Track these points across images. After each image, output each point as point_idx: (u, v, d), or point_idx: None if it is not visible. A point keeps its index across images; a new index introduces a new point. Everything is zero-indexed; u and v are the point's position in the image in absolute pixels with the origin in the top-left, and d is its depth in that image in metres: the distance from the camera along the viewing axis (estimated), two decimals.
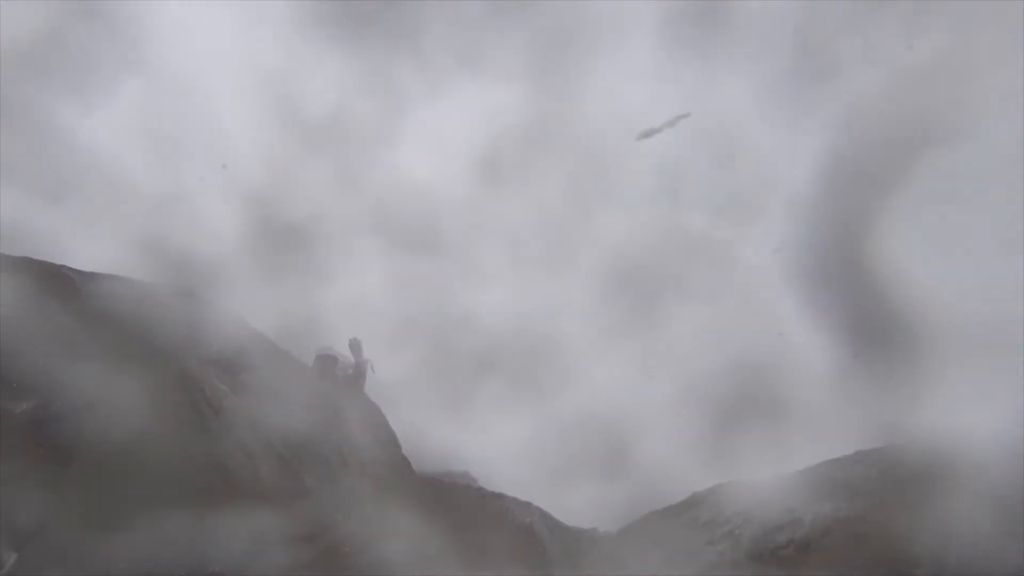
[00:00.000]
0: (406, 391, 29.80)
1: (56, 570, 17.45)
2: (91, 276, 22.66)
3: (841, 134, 31.45)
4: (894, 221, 28.82)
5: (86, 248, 26.67)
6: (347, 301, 31.72)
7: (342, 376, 25.38)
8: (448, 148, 35.92)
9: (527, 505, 24.34)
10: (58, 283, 21.73)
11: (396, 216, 34.17)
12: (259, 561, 19.67)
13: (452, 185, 35.06)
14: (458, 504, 23.29)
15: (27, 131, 28.53)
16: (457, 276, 34.01)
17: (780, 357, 30.13)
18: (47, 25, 30.17)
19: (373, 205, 34.02)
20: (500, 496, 24.41)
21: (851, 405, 27.55)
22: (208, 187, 29.82)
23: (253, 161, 31.76)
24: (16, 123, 27.97)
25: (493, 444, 28.53)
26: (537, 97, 34.57)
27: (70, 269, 22.51)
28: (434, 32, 35.68)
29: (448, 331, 32.40)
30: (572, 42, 34.67)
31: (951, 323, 26.61)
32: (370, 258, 33.12)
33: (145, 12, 30.77)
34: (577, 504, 26.37)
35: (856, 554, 17.30)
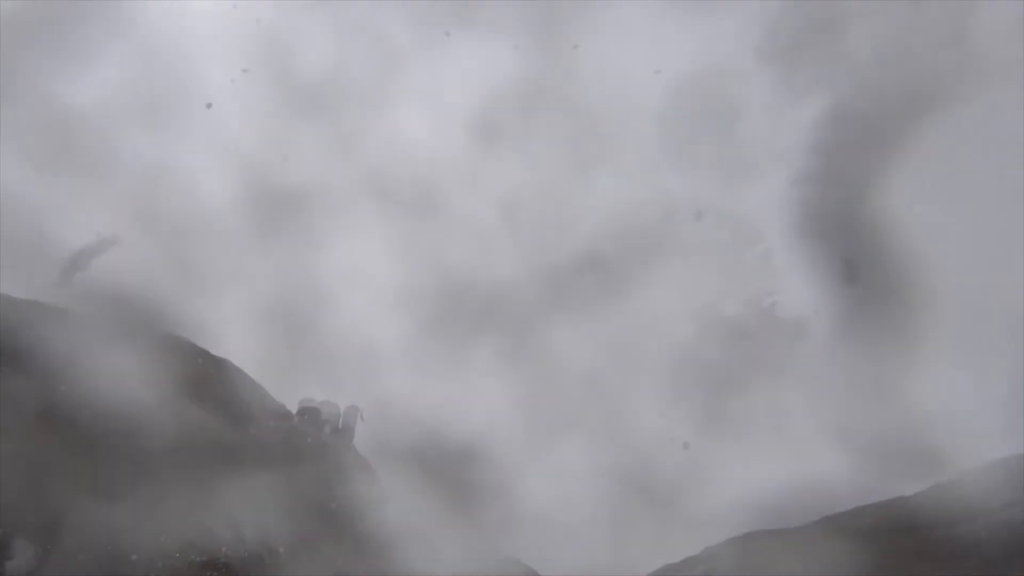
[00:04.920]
0: (404, 354, 30.07)
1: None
2: None
3: (840, 94, 30.89)
4: (893, 183, 28.54)
5: (80, 216, 26.71)
6: (344, 266, 31.82)
7: (329, 429, 24.35)
8: (444, 108, 35.47)
9: None
10: None
11: (392, 179, 33.99)
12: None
13: (448, 146, 34.75)
14: None
15: (18, 98, 28.28)
16: (454, 239, 33.99)
17: (777, 320, 30.22)
18: None
19: (369, 169, 33.82)
20: None
21: (846, 370, 27.73)
22: (201, 153, 29.63)
23: (246, 127, 31.48)
24: (6, 91, 27.72)
25: (488, 404, 28.80)
26: (533, 55, 33.94)
27: None
28: None
29: (446, 294, 32.52)
30: None
31: (949, 288, 26.57)
32: (366, 222, 33.05)
33: None
34: (566, 463, 26.78)
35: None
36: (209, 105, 28.81)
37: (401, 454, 25.62)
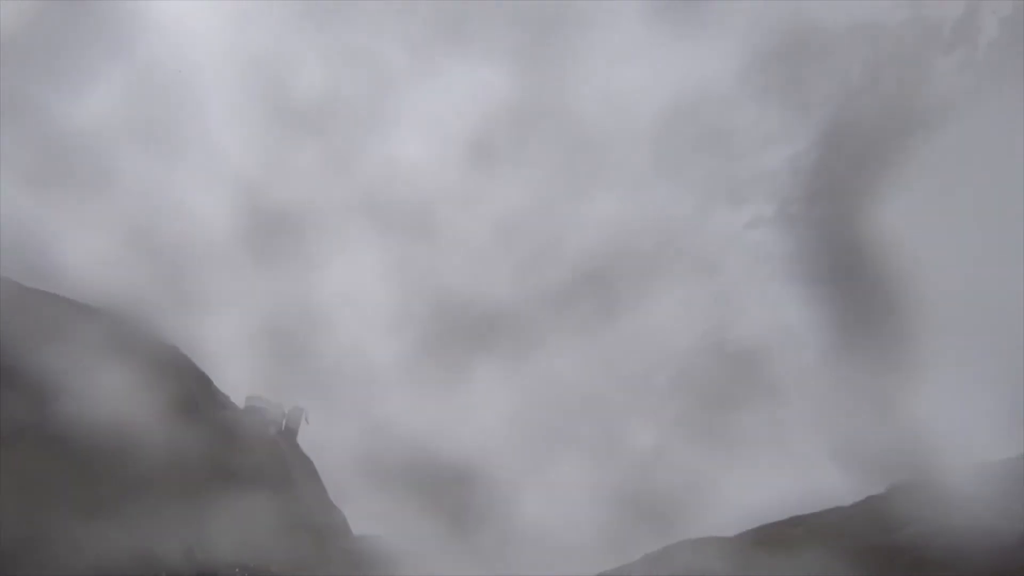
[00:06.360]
0: (400, 373, 29.98)
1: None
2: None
3: (830, 115, 31.21)
4: (885, 201, 28.74)
5: (77, 237, 26.76)
6: (341, 287, 31.84)
7: (274, 428, 24.24)
8: (438, 130, 35.74)
9: None
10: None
11: (389, 201, 34.17)
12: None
13: (444, 168, 34.98)
14: None
15: (16, 120, 28.47)
16: (450, 259, 34.07)
17: (770, 340, 30.24)
18: (35, 15, 29.98)
19: (365, 191, 34.02)
20: None
21: (842, 389, 27.71)
22: (198, 175, 29.76)
23: (242, 149, 31.70)
24: (6, 112, 27.92)
25: (485, 424, 28.69)
26: (526, 77, 34.29)
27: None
28: (422, 12, 35.37)
29: (442, 314, 32.53)
30: (560, 20, 34.33)
31: (942, 304, 26.66)
32: (363, 244, 33.16)
33: (131, 1, 30.51)
34: (563, 481, 26.62)
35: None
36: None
37: (398, 474, 25.45)
